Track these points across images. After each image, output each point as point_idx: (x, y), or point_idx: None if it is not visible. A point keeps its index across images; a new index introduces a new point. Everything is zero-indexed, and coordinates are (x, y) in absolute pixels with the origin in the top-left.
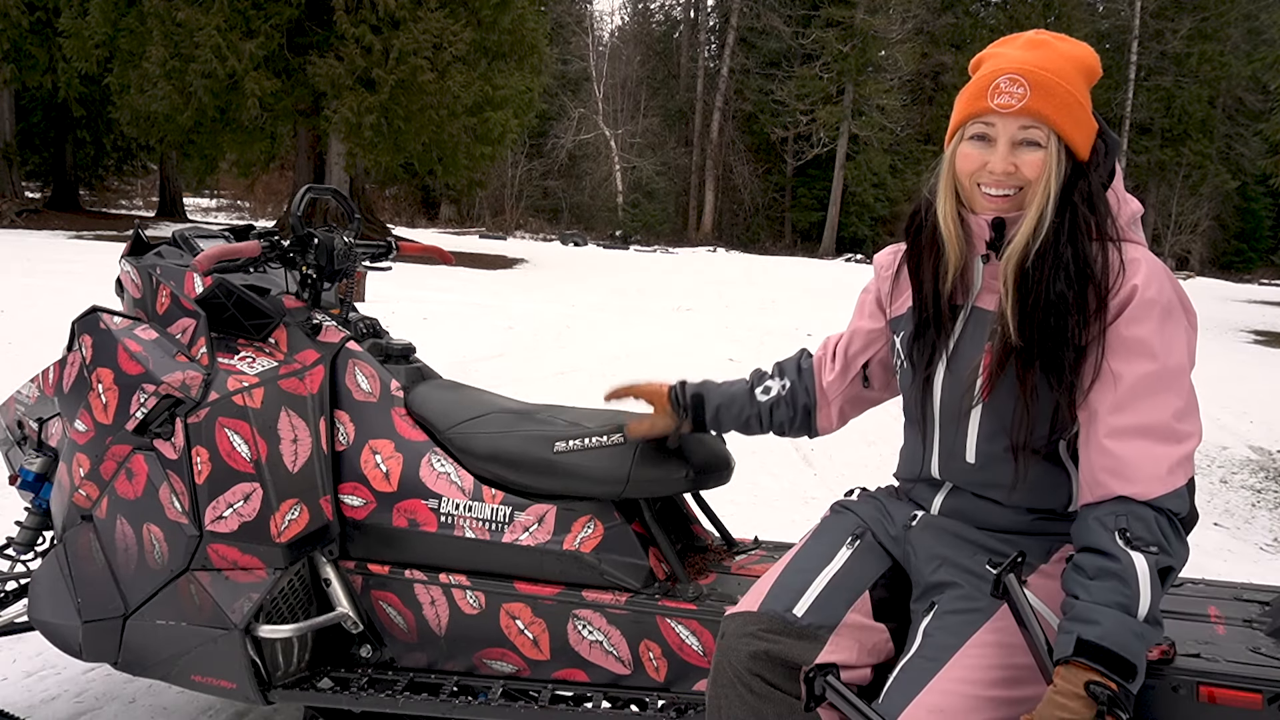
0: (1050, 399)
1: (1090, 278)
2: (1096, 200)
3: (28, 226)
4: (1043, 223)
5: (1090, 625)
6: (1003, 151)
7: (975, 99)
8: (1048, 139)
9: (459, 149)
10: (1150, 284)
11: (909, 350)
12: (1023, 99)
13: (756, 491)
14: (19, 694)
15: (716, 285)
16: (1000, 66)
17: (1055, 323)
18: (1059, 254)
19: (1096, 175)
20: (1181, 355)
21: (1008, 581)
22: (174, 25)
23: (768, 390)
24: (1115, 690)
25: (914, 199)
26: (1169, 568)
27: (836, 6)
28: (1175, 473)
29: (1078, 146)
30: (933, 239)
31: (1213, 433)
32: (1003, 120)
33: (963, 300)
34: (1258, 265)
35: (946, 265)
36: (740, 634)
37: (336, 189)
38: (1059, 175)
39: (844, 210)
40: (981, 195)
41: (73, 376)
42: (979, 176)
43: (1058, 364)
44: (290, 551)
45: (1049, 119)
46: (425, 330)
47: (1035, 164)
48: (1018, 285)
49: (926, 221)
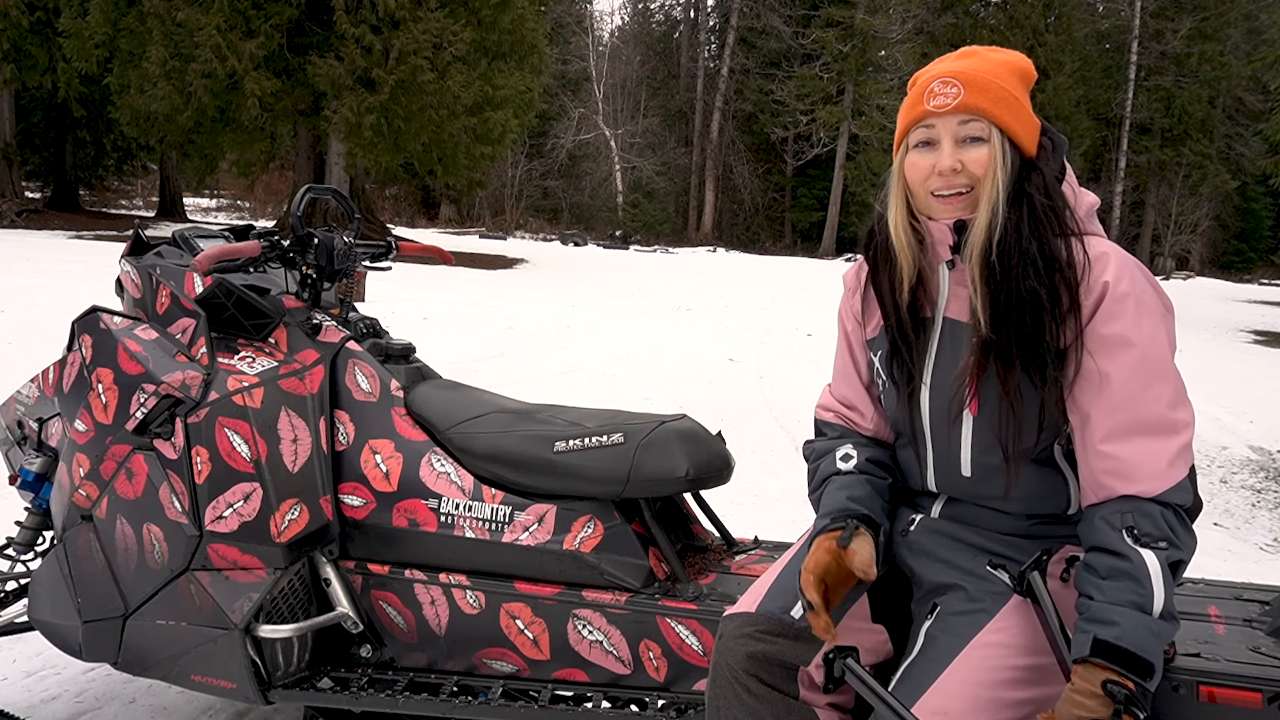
0: (1035, 398)
1: (1058, 270)
2: (1052, 192)
3: (28, 226)
4: (996, 214)
5: (1107, 626)
6: (947, 149)
7: (913, 106)
8: (989, 133)
9: (459, 149)
10: (1121, 278)
11: (888, 369)
12: (957, 96)
13: (756, 491)
14: (19, 694)
15: (716, 285)
16: (933, 73)
17: (1031, 319)
18: (1024, 249)
19: (1048, 169)
20: (1163, 344)
21: (1032, 578)
22: (174, 25)
23: (848, 458)
24: (1132, 689)
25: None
26: (1179, 560)
27: (836, 6)
28: (1176, 465)
29: (1022, 141)
30: (887, 252)
31: (1213, 433)
32: (942, 120)
33: (931, 312)
34: (1258, 265)
35: (901, 276)
36: (738, 634)
37: (336, 189)
38: (1006, 168)
39: (844, 210)
40: (936, 200)
41: (73, 376)
42: (930, 183)
43: (1038, 361)
44: (290, 551)
45: (986, 112)
46: (425, 330)
47: (981, 160)
48: (986, 281)
49: (879, 235)
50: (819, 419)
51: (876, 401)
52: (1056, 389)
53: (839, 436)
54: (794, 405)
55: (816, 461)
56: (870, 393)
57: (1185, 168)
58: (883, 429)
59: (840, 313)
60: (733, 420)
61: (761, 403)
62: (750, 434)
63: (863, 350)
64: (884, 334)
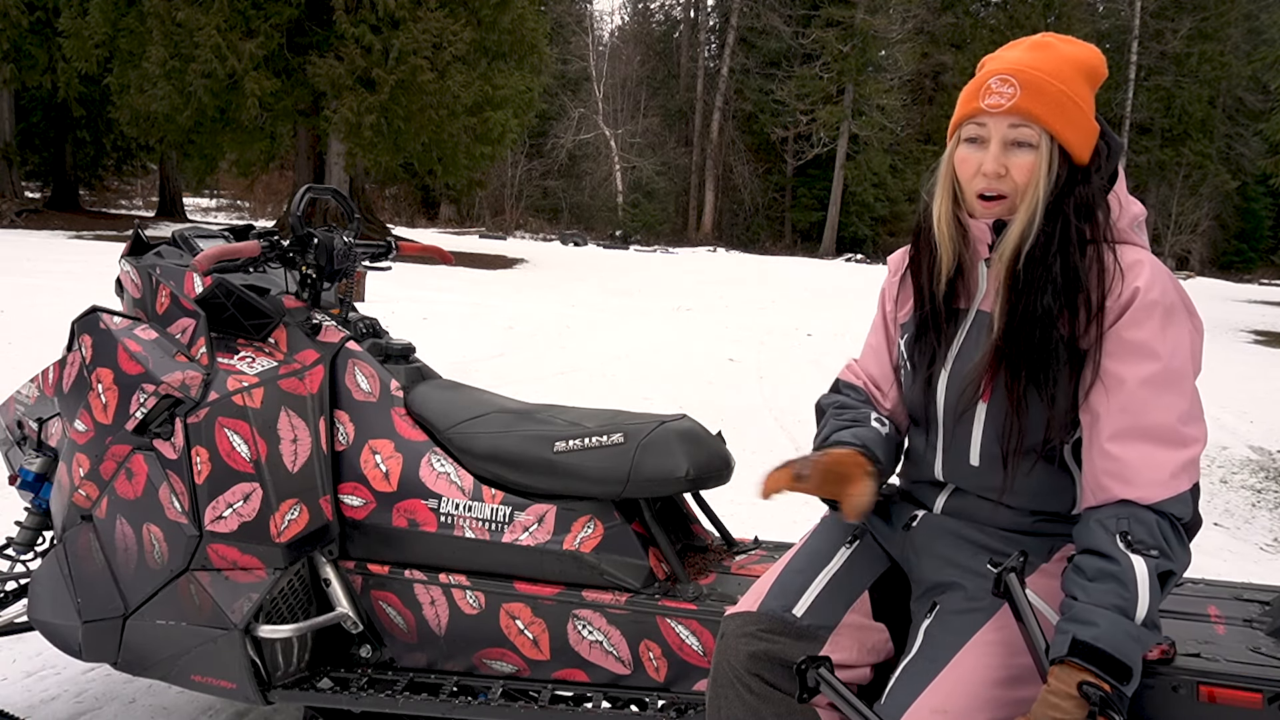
0: (1041, 409)
1: (1079, 289)
2: (1094, 206)
3: (28, 226)
4: (1032, 225)
5: (1086, 626)
6: (994, 152)
7: (968, 100)
8: (1039, 140)
9: (459, 149)
10: (1153, 286)
11: (910, 352)
12: (1012, 98)
13: (756, 491)
14: (19, 694)
15: (716, 285)
16: (994, 68)
17: (1040, 334)
18: (1048, 265)
19: (1098, 178)
20: (1185, 358)
21: (1009, 580)
22: (174, 25)
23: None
24: (1108, 691)
25: (915, 200)
26: (1169, 572)
27: (836, 6)
28: (1179, 477)
29: (1074, 149)
30: (930, 240)
31: (1213, 433)
32: (994, 120)
33: (966, 304)
34: (1258, 265)
35: (940, 267)
36: (739, 634)
37: (336, 189)
38: (1050, 178)
39: (844, 210)
40: (979, 201)
41: (73, 376)
42: (975, 182)
43: (1044, 376)
44: (290, 551)
45: (1039, 118)
46: (425, 330)
47: (1026, 167)
48: (1009, 289)
49: (924, 223)
50: (842, 379)
51: (899, 385)
52: (1067, 396)
53: (864, 401)
54: (794, 405)
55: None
56: (896, 375)
57: (1185, 168)
58: (899, 413)
59: (882, 291)
60: (733, 420)
61: (762, 403)
62: (750, 434)
63: (896, 330)
64: (913, 319)
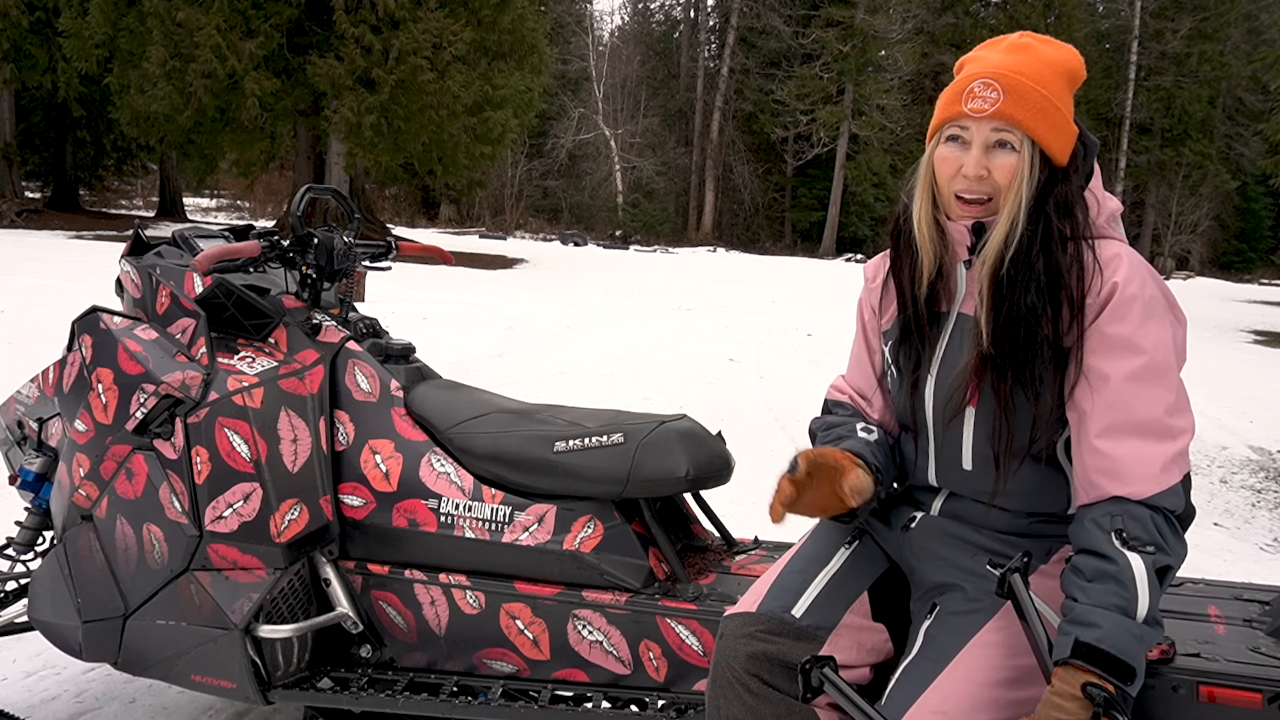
0: (1028, 410)
1: (1062, 286)
2: (1073, 205)
3: (28, 226)
4: (1015, 228)
5: (1088, 628)
6: (976, 155)
7: (950, 103)
8: (1021, 143)
9: (459, 149)
10: (1131, 280)
11: (895, 357)
12: (995, 103)
13: (756, 491)
14: (19, 694)
15: (716, 285)
16: (976, 71)
17: (1025, 334)
18: (1031, 265)
19: (1076, 178)
20: (1168, 350)
21: (1013, 581)
22: (174, 25)
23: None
24: (1112, 692)
25: (895, 203)
26: (1167, 566)
27: (836, 6)
28: (1169, 470)
29: (1054, 151)
30: (910, 243)
31: (1213, 433)
32: (976, 124)
33: (946, 307)
34: (1258, 265)
35: (922, 270)
36: (739, 634)
37: (336, 189)
38: (1031, 181)
39: (844, 210)
40: (957, 203)
41: (73, 376)
42: (955, 184)
43: (1030, 376)
44: (290, 551)
45: (1021, 123)
46: (425, 330)
47: (1007, 168)
48: (992, 294)
49: (904, 226)
50: (829, 398)
51: (886, 394)
52: (1053, 394)
53: (851, 415)
54: (794, 405)
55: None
56: (881, 384)
57: (1185, 168)
58: (889, 421)
59: (860, 303)
60: (733, 420)
61: (762, 403)
62: (750, 434)
63: (878, 340)
64: (897, 324)
